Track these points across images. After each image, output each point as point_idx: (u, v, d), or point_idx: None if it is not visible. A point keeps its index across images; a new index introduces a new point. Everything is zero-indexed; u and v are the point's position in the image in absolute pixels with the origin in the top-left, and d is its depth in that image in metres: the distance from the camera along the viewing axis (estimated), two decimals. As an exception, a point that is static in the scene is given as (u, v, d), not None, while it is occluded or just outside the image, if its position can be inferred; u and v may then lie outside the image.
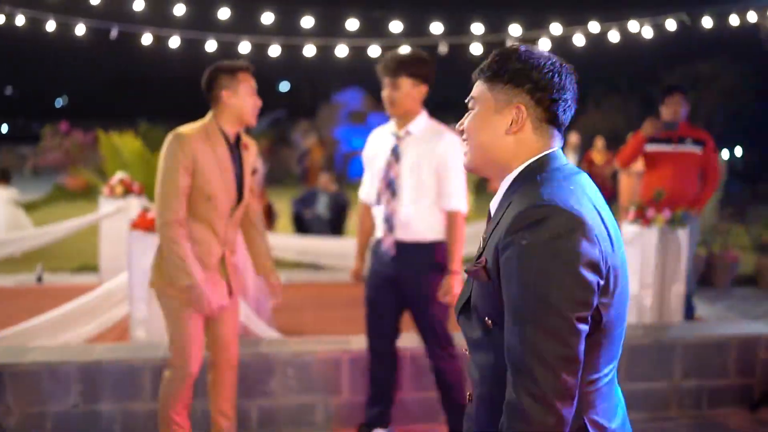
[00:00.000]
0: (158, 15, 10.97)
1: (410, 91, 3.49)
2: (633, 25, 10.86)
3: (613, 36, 11.06)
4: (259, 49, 11.50)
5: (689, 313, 5.49)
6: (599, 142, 12.10)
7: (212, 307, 3.14)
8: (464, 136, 1.68)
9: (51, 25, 10.69)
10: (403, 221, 3.54)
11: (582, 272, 1.40)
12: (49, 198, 15.88)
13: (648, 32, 10.88)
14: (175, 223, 3.06)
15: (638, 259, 5.15)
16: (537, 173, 1.55)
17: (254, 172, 3.44)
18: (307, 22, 10.78)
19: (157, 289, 3.22)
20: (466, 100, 1.68)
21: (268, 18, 10.74)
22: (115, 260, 6.52)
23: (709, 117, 17.59)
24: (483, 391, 1.61)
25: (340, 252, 7.95)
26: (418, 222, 3.53)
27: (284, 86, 48.68)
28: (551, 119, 1.59)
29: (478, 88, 1.65)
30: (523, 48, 1.61)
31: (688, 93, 5.84)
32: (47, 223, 8.96)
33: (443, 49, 11.14)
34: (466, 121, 1.68)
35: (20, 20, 10.53)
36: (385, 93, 3.54)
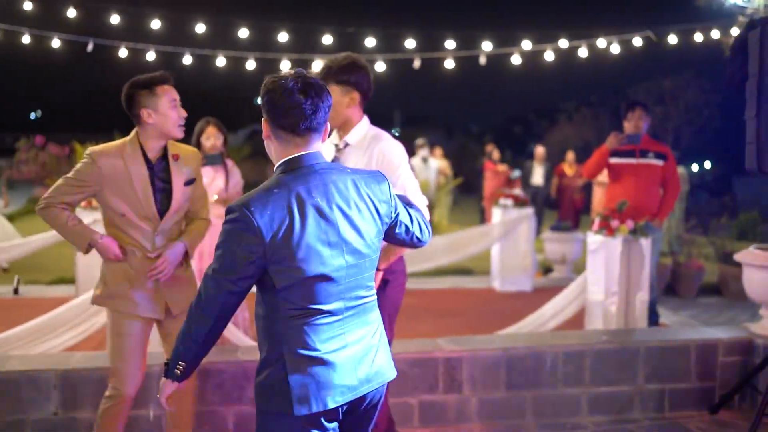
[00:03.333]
0: (134, 29, 11.06)
1: (340, 98, 3.25)
2: (601, 42, 11.17)
3: (583, 52, 11.35)
4: (236, 63, 11.63)
5: (653, 320, 5.68)
6: (569, 155, 12.38)
7: (118, 255, 3.08)
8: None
9: (26, 38, 10.73)
10: None
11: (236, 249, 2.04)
12: (25, 210, 15.80)
13: (616, 49, 11.19)
14: (53, 205, 3.03)
15: (603, 268, 5.33)
16: (284, 171, 2.13)
17: (191, 181, 3.26)
18: (283, 37, 10.95)
19: (98, 305, 3.19)
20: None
21: (244, 33, 10.90)
22: (91, 272, 6.53)
23: (676, 132, 17.97)
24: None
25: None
26: None
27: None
28: (283, 127, 2.12)
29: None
30: (269, 85, 2.12)
31: (654, 108, 6.09)
32: (24, 236, 8.96)
33: (417, 63, 11.35)
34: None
35: (-4, 33, 10.55)
36: None
